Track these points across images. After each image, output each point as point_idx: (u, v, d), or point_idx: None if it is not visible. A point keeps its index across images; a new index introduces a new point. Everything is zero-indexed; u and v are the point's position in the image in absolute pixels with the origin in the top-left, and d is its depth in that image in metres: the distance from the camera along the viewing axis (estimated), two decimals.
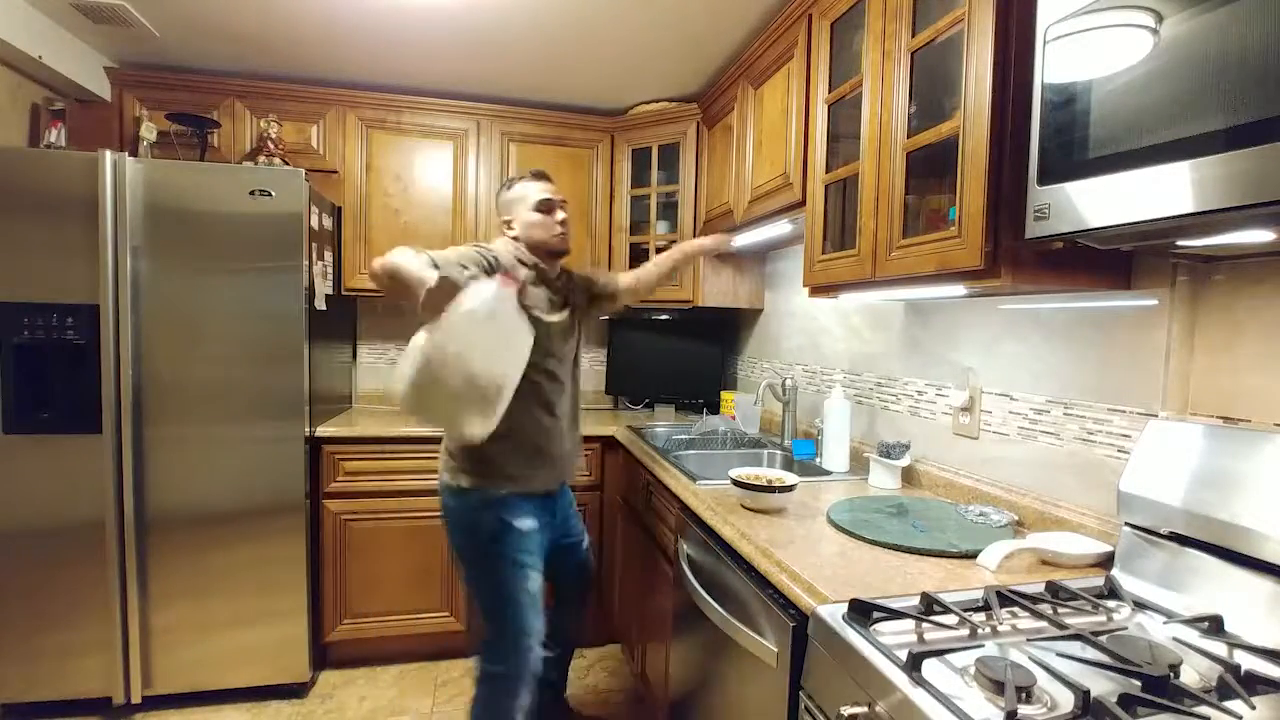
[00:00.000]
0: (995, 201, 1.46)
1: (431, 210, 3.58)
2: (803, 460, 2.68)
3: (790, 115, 2.42)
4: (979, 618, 1.25)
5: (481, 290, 1.65)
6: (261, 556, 2.87)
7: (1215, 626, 1.23)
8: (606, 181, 3.80)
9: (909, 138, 1.74)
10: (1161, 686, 0.99)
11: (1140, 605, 1.35)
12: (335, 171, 3.45)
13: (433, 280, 1.65)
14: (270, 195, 2.77)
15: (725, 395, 3.64)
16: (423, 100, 3.53)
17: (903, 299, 2.40)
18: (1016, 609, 1.30)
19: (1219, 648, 1.16)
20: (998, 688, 1.00)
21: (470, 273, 1.88)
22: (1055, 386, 1.80)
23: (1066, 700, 0.98)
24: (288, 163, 3.17)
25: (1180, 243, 1.28)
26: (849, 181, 2.07)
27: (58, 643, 2.72)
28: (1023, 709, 0.96)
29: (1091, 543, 1.58)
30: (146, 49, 3.16)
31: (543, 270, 2.30)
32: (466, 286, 1.66)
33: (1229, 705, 0.96)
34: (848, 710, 1.14)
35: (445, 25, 2.85)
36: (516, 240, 2.29)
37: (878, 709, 1.09)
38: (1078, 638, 1.17)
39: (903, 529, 1.76)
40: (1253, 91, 0.92)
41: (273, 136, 3.21)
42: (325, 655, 3.24)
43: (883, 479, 2.29)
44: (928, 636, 1.21)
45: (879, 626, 1.24)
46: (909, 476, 2.33)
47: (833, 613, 1.29)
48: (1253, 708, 0.97)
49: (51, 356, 2.63)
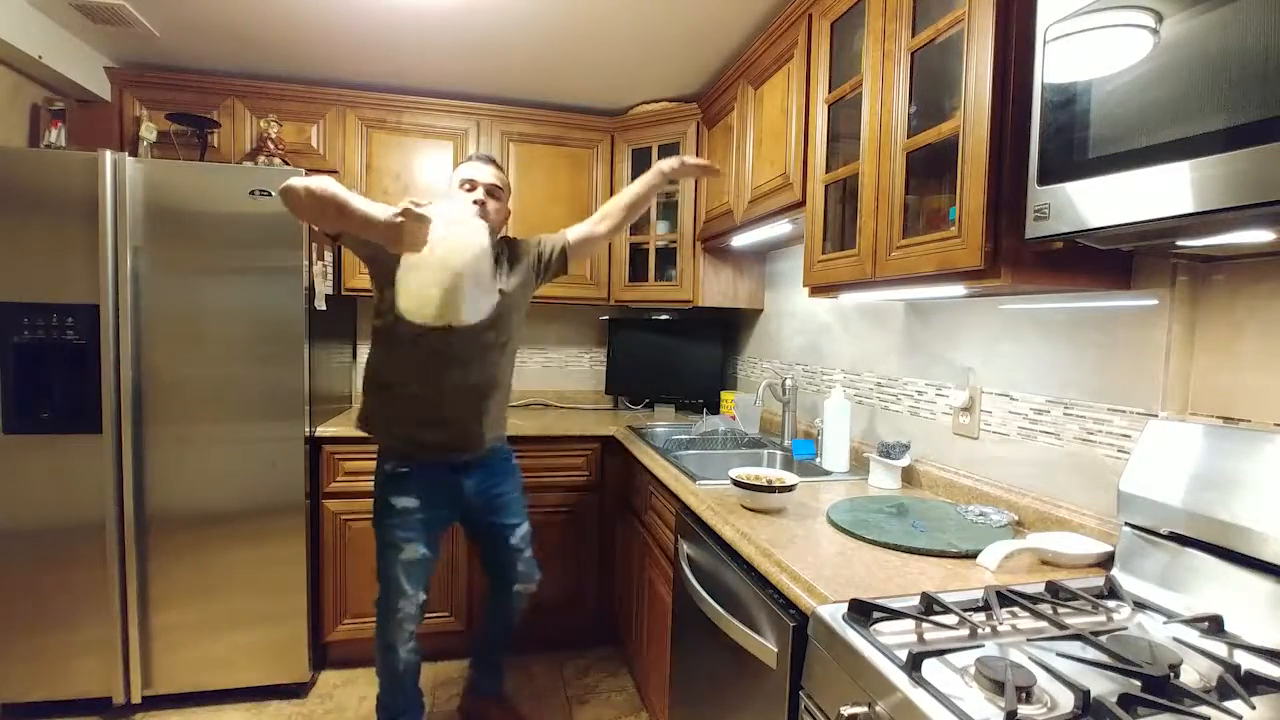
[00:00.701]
0: (995, 201, 1.47)
1: None
2: (803, 460, 2.68)
3: (790, 115, 2.42)
4: (979, 618, 1.25)
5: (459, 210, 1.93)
6: (261, 556, 2.87)
7: (1215, 626, 1.23)
8: (606, 181, 3.80)
9: (909, 138, 1.74)
10: (1161, 686, 0.99)
11: (1140, 605, 1.35)
12: (335, 171, 3.43)
13: (390, 217, 1.78)
14: (270, 195, 2.76)
15: (725, 395, 3.65)
16: (423, 100, 3.52)
17: (903, 299, 2.40)
18: (1016, 609, 1.30)
19: (1219, 648, 1.16)
20: (998, 688, 1.00)
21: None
22: (1055, 386, 1.80)
23: (1067, 700, 0.98)
24: (288, 163, 3.16)
25: (1180, 243, 1.28)
26: (849, 181, 2.07)
27: (58, 642, 2.71)
28: (1023, 709, 0.96)
29: (1091, 543, 1.59)
30: (146, 49, 3.16)
31: None
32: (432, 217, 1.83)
33: (1229, 705, 0.96)
34: (848, 710, 1.14)
35: (445, 25, 2.85)
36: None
37: (878, 709, 1.09)
38: (1078, 638, 1.17)
39: (903, 529, 1.76)
40: (1252, 91, 0.92)
41: (273, 136, 3.21)
42: (325, 655, 3.23)
43: (883, 479, 2.29)
44: (928, 636, 1.21)
45: (879, 626, 1.24)
46: (909, 476, 2.33)
47: (833, 613, 1.29)
48: (1253, 708, 0.97)
49: (51, 356, 2.62)
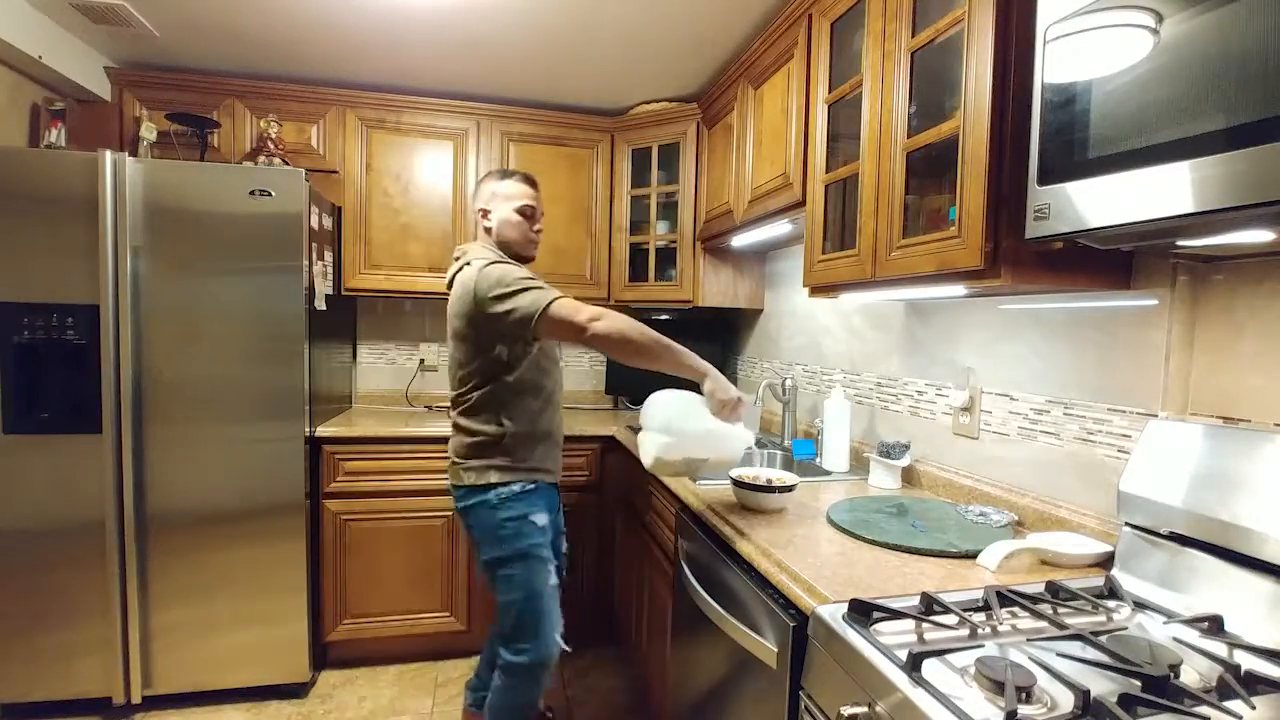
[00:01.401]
0: (995, 201, 1.46)
1: (431, 210, 3.58)
2: (803, 460, 2.68)
3: (790, 115, 2.42)
4: (979, 618, 1.25)
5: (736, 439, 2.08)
6: (261, 556, 2.87)
7: (1215, 626, 1.23)
8: (606, 181, 3.80)
9: (909, 138, 1.73)
10: (1161, 686, 0.99)
11: (1140, 605, 1.35)
12: (335, 171, 3.45)
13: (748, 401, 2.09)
14: (270, 195, 2.77)
15: None
16: (423, 100, 3.52)
17: (903, 299, 2.39)
18: (1016, 609, 1.30)
19: (1219, 648, 1.16)
20: (998, 688, 1.00)
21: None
22: (1055, 386, 1.80)
23: (1066, 700, 0.98)
24: (288, 163, 3.16)
25: (1180, 243, 1.28)
26: (849, 181, 2.06)
27: (58, 643, 2.71)
28: (1023, 709, 0.96)
29: (1091, 543, 1.59)
30: (146, 49, 3.16)
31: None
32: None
33: (1229, 705, 0.96)
34: (848, 710, 1.14)
35: (445, 25, 2.85)
36: (489, 232, 2.36)
37: (878, 709, 1.09)
38: (1078, 638, 1.17)
39: (903, 529, 1.76)
40: (1252, 91, 0.92)
41: (273, 136, 3.21)
42: (325, 655, 3.24)
43: (883, 479, 2.29)
44: (928, 636, 1.21)
45: (879, 626, 1.23)
46: (909, 476, 2.33)
47: (833, 613, 1.29)
48: (1253, 708, 0.97)
49: (51, 356, 2.62)
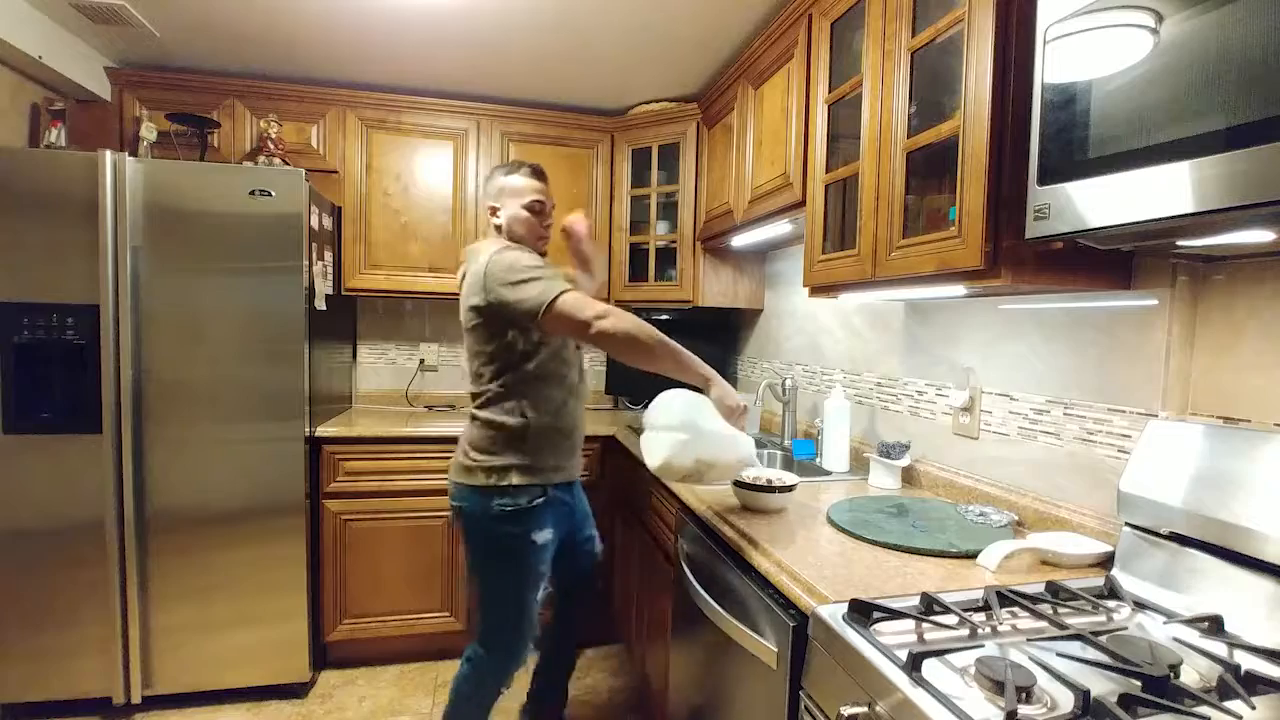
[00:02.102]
0: (995, 201, 1.47)
1: (432, 210, 3.58)
2: (803, 460, 2.68)
3: (790, 115, 2.42)
4: (979, 618, 1.25)
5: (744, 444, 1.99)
6: (262, 556, 2.87)
7: (1215, 627, 1.23)
8: (606, 182, 3.80)
9: (909, 137, 1.74)
10: (1162, 686, 0.99)
11: (1140, 605, 1.35)
12: (335, 171, 3.45)
13: (737, 399, 2.11)
14: (270, 195, 2.78)
15: None
16: (423, 100, 3.53)
17: (903, 299, 2.40)
18: (1016, 609, 1.30)
19: (1219, 648, 1.16)
20: (998, 688, 1.00)
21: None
22: (1055, 386, 1.80)
23: (1067, 700, 0.98)
24: (288, 163, 3.16)
25: (1180, 243, 1.28)
26: (849, 181, 2.07)
27: (58, 642, 2.71)
28: (1023, 709, 0.96)
29: (1091, 543, 1.59)
30: (146, 49, 3.16)
31: None
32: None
33: (1229, 705, 0.96)
34: (848, 710, 1.14)
35: (445, 25, 2.85)
36: (499, 230, 2.32)
37: (878, 709, 1.09)
38: (1078, 638, 1.17)
39: (903, 529, 1.76)
40: (1252, 91, 0.92)
41: (273, 136, 3.22)
42: (325, 655, 3.24)
43: (883, 479, 2.29)
44: (928, 636, 1.21)
45: (879, 626, 1.24)
46: (909, 476, 2.33)
47: (833, 613, 1.29)
48: (1253, 708, 0.97)
49: (52, 356, 2.62)
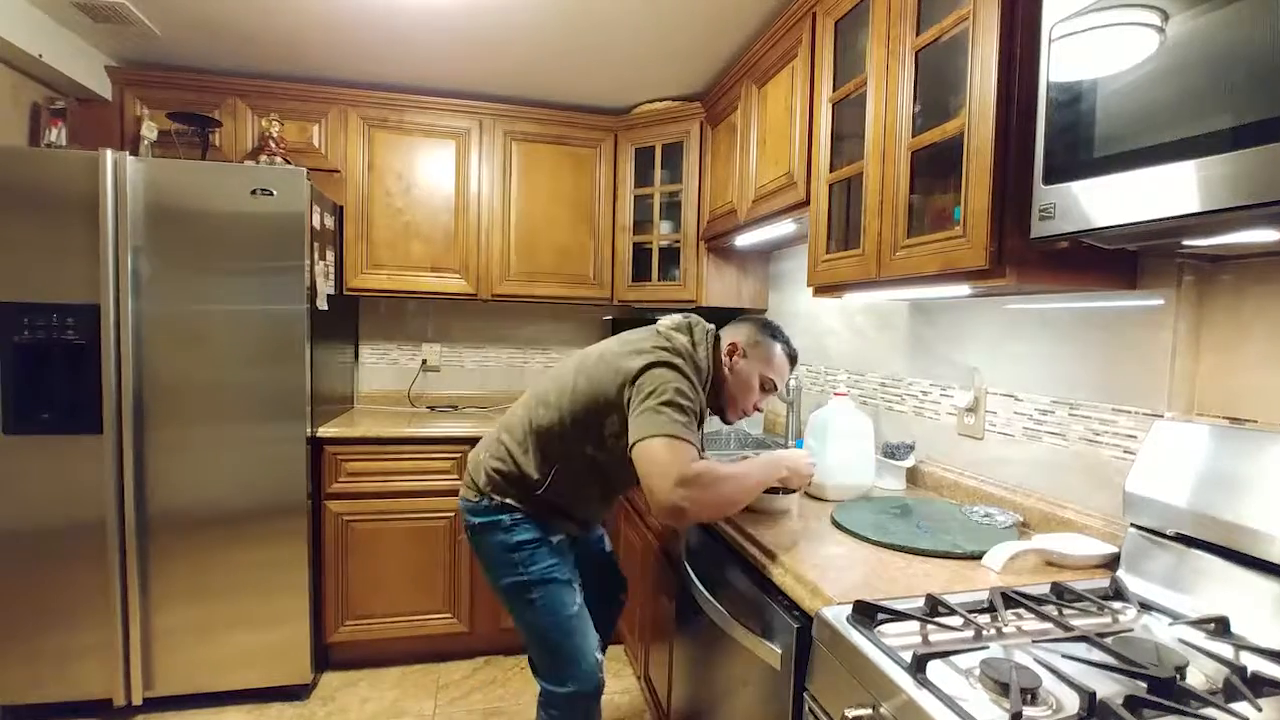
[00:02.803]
0: (1000, 201, 1.47)
1: (434, 210, 3.59)
2: None
3: (794, 114, 2.42)
4: (984, 619, 1.25)
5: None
6: (263, 558, 2.87)
7: (1221, 628, 1.23)
8: (610, 181, 3.80)
9: (914, 137, 1.74)
10: (1168, 688, 1.00)
11: (1146, 607, 1.35)
12: (337, 171, 3.46)
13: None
14: (272, 195, 2.78)
15: None
16: (425, 99, 3.53)
17: (907, 299, 2.40)
18: (1022, 610, 1.31)
19: (1225, 649, 1.16)
20: (1003, 689, 1.01)
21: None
22: (1061, 387, 1.81)
23: (1072, 702, 0.99)
24: (289, 162, 3.17)
25: (1186, 242, 1.28)
26: (853, 181, 2.07)
27: (58, 644, 2.72)
28: (1028, 711, 0.97)
29: (1097, 544, 1.59)
30: (148, 48, 3.16)
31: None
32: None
33: (1235, 707, 0.96)
34: (852, 712, 1.14)
35: (448, 24, 2.85)
36: (721, 367, 2.02)
37: (882, 711, 1.10)
38: (1083, 639, 1.17)
39: (907, 530, 1.77)
40: (1259, 90, 0.92)
41: (274, 136, 3.22)
42: (327, 657, 3.25)
43: (887, 480, 2.29)
44: (932, 638, 1.21)
45: (884, 628, 1.24)
46: (913, 477, 2.34)
47: (837, 614, 1.29)
48: (1259, 709, 0.97)
49: (52, 357, 2.63)
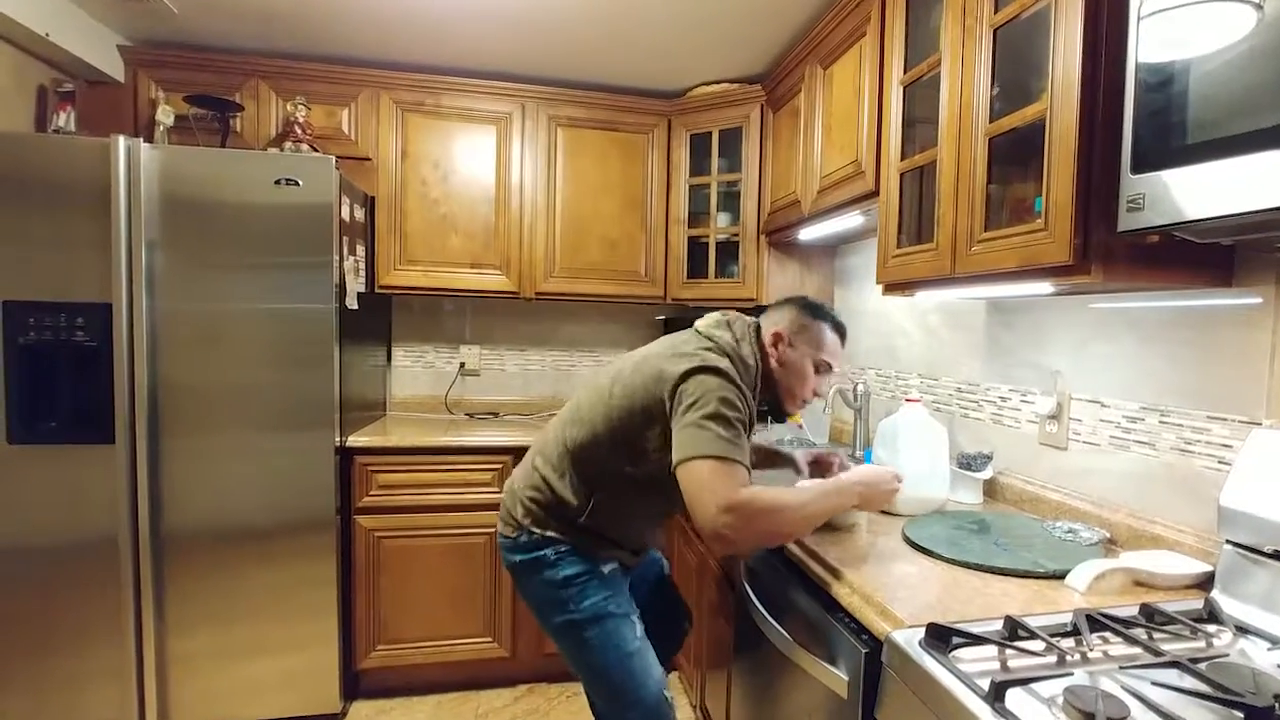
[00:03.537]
0: (1085, 191, 1.48)
1: (473, 201, 3.62)
2: None
3: (862, 98, 2.45)
4: (1067, 644, 1.26)
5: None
6: (288, 577, 2.89)
7: None
8: (663, 169, 3.82)
9: (991, 122, 1.75)
10: (1266, 717, 1.00)
11: (1243, 630, 1.35)
12: (368, 159, 3.49)
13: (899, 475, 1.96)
14: (297, 184, 2.80)
15: None
16: (463, 81, 3.56)
17: (984, 297, 2.41)
18: (1108, 634, 1.31)
19: None
20: (1088, 719, 1.02)
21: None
22: (1150, 392, 1.81)
23: None
24: (316, 149, 3.21)
25: None
26: (926, 170, 2.09)
27: (67, 670, 2.73)
28: None
29: (1190, 562, 1.60)
30: (163, 26, 3.19)
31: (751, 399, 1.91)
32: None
33: None
34: None
35: (494, 6, 2.88)
36: (767, 360, 2.00)
37: None
38: (1175, 665, 1.18)
39: (984, 547, 1.79)
40: None
41: (300, 120, 3.25)
42: (357, 684, 3.27)
43: (963, 493, 2.31)
44: (1011, 664, 1.22)
45: (959, 653, 1.25)
46: (991, 490, 2.35)
47: (909, 638, 1.31)
48: None
49: (60, 359, 2.64)
